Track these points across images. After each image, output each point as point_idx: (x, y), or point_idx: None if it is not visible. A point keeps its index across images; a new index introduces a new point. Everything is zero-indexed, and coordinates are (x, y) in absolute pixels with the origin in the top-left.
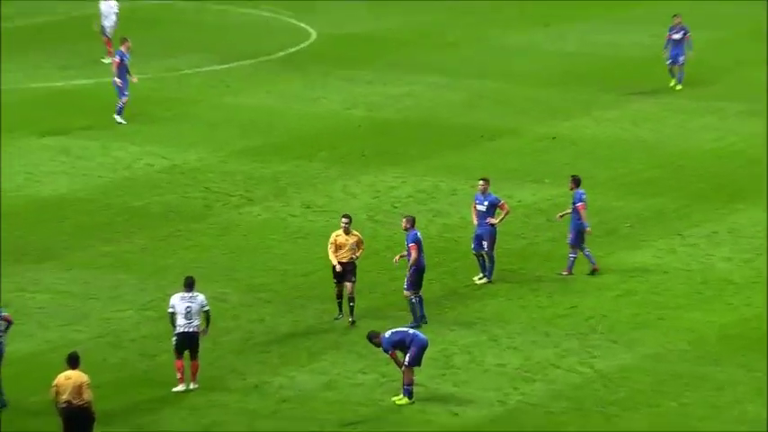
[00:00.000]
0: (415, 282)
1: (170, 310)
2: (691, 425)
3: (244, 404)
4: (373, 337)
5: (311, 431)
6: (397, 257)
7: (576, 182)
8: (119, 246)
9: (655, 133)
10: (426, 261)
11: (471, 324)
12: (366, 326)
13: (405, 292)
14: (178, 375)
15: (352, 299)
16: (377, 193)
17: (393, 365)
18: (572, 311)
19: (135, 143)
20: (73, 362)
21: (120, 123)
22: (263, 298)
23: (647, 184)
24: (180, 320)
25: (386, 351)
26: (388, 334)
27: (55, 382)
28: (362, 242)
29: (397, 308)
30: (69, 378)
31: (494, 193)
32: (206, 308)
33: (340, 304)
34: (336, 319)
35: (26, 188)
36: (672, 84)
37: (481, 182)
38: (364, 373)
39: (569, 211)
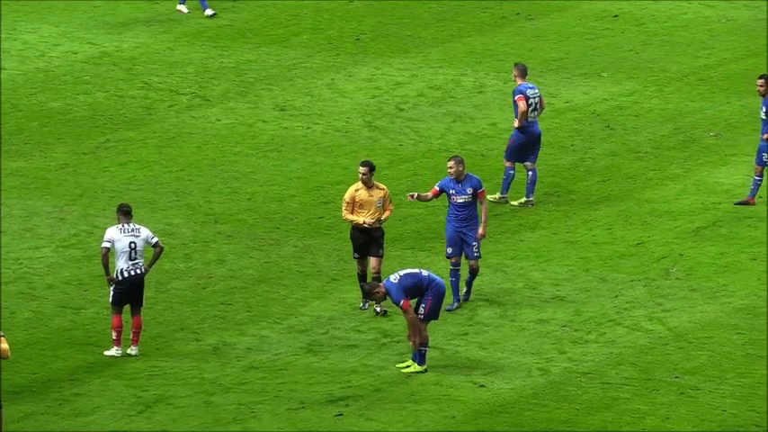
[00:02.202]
0: None
1: (105, 245)
2: None
3: (198, 373)
4: (372, 292)
5: (288, 409)
6: (414, 194)
7: None
8: (31, 161)
9: (750, 10)
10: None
11: (502, 266)
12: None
13: (474, 261)
14: (114, 335)
15: (377, 278)
16: (376, 90)
17: (398, 320)
18: (638, 250)
19: (51, 23)
20: None
21: (184, 12)
22: (223, 231)
23: (739, 79)
24: (122, 263)
25: (397, 302)
26: (395, 278)
27: None
28: (390, 198)
29: (405, 245)
30: None
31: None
32: (154, 239)
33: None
34: (362, 308)
35: None
36: None
37: (516, 68)
38: (359, 330)
39: None
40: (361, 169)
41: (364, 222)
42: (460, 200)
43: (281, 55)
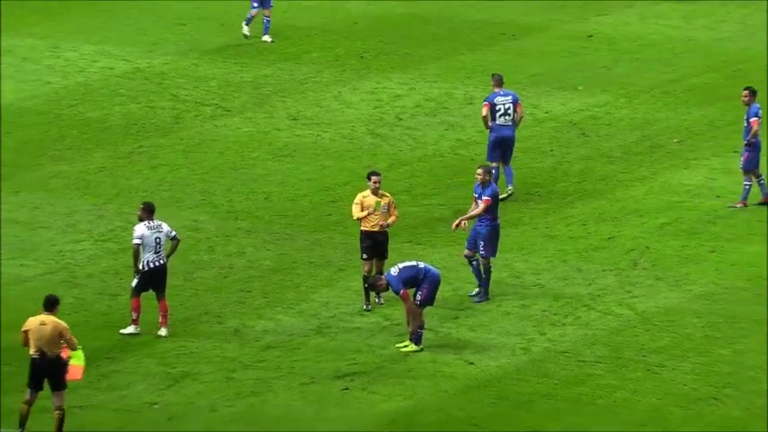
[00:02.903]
0: (495, 245)
1: (137, 241)
2: (747, 376)
3: (221, 352)
4: (376, 284)
5: (300, 384)
6: (463, 223)
7: (754, 93)
8: (73, 165)
9: (710, 31)
10: (437, 182)
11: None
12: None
13: (482, 259)
14: (134, 315)
15: (380, 273)
16: (378, 102)
17: (397, 306)
18: (609, 243)
19: (90, 42)
20: (50, 305)
21: (245, 35)
22: (242, 227)
23: (699, 92)
24: (149, 255)
25: (397, 292)
26: (394, 271)
27: (26, 326)
28: (396, 205)
29: (403, 239)
30: (45, 324)
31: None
32: (173, 233)
33: (368, 291)
34: (366, 309)
35: None
36: None
37: (492, 78)
38: (363, 315)
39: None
40: (375, 178)
41: (368, 214)
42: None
43: (293, 70)
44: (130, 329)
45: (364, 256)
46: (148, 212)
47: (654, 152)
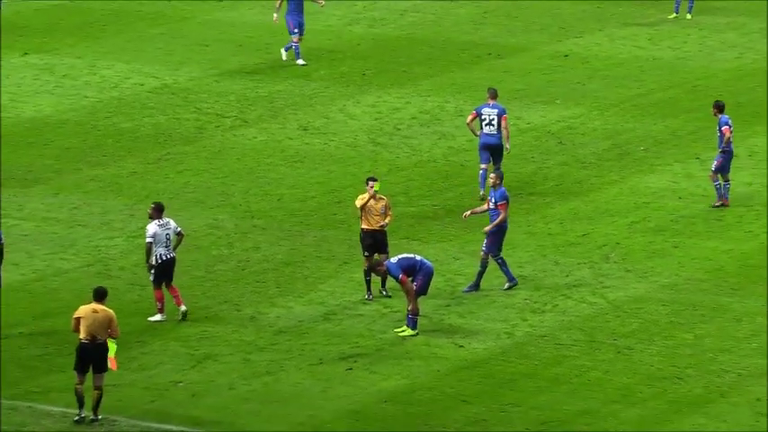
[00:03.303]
0: (499, 243)
1: (149, 240)
2: (707, 357)
3: (238, 336)
4: (376, 267)
5: (309, 364)
6: (467, 213)
7: (720, 108)
8: (107, 170)
9: (672, 51)
10: (431, 185)
11: (477, 253)
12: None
13: (483, 254)
14: (159, 305)
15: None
16: (378, 114)
17: (396, 296)
18: (584, 239)
19: (123, 61)
20: (100, 296)
21: (302, 65)
22: (258, 225)
23: (663, 105)
24: (161, 249)
25: (396, 277)
26: (394, 260)
27: (78, 313)
28: (390, 206)
29: (400, 235)
30: (97, 312)
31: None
32: (178, 229)
33: (369, 282)
34: (367, 299)
35: (8, 110)
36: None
37: (487, 91)
38: (364, 303)
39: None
40: (372, 183)
41: (371, 197)
42: (491, 205)
43: (303, 86)
44: (157, 317)
45: (366, 253)
46: (158, 211)
47: (623, 159)
